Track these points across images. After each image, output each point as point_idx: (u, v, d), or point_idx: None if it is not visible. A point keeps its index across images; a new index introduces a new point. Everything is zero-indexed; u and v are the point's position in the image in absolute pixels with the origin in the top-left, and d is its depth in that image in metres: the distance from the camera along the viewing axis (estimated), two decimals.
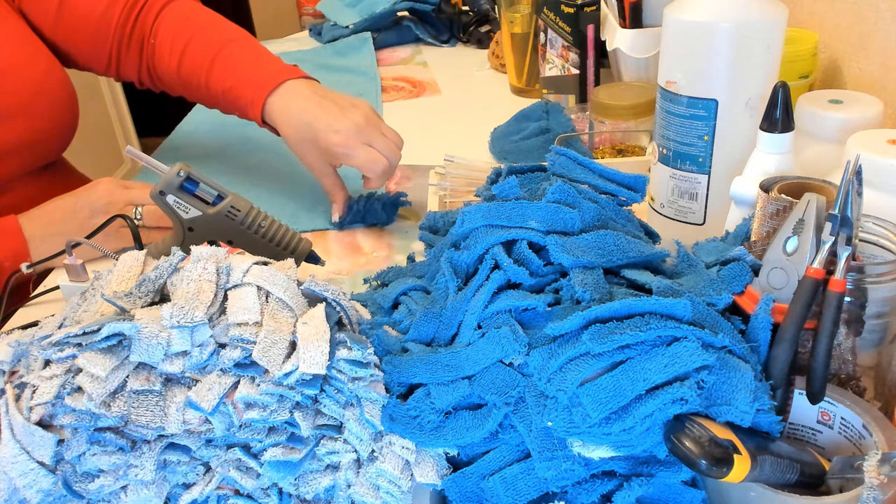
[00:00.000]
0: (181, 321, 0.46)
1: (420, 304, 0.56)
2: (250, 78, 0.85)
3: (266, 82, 0.84)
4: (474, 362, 0.49)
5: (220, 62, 0.87)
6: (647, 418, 0.42)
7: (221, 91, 0.87)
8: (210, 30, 0.91)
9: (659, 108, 0.67)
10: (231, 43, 0.88)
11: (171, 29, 0.91)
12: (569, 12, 1.01)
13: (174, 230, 0.67)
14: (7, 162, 0.86)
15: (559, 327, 0.46)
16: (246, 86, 0.85)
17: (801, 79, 0.84)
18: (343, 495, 0.49)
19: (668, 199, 0.70)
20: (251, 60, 0.87)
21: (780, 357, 0.46)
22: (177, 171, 0.65)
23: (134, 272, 0.51)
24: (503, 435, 0.48)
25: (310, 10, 1.69)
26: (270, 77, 0.84)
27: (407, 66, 1.42)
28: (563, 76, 1.07)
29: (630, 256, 0.53)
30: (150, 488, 0.47)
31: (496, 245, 0.53)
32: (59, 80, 0.91)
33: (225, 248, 0.53)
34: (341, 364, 0.47)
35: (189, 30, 0.91)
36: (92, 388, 0.44)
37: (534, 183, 0.60)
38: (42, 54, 0.89)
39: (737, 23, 0.60)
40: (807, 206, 0.48)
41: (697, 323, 0.46)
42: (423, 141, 1.03)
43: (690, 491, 0.47)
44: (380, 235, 0.85)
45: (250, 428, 0.47)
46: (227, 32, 0.91)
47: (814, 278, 0.46)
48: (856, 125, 0.65)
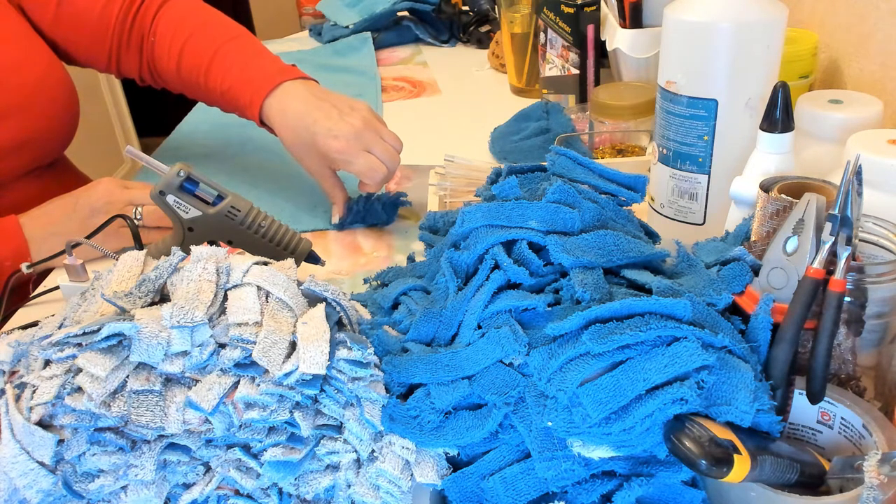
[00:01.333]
0: (181, 321, 0.46)
1: (420, 304, 0.56)
2: (248, 77, 0.85)
3: (264, 83, 0.83)
4: (474, 362, 0.49)
5: (218, 61, 0.86)
6: (647, 418, 0.42)
7: (220, 91, 0.86)
8: (208, 28, 0.90)
9: (659, 108, 0.67)
10: (229, 42, 0.88)
11: (169, 27, 0.91)
12: (569, 12, 1.01)
13: (174, 230, 0.67)
14: (7, 161, 0.86)
15: (559, 327, 0.46)
16: (244, 86, 0.84)
17: (801, 79, 0.84)
18: (343, 495, 0.49)
19: (668, 199, 0.70)
20: (249, 60, 0.86)
21: (780, 357, 0.46)
22: (177, 171, 0.65)
23: (134, 272, 0.51)
24: (503, 435, 0.48)
25: (310, 10, 1.69)
26: (268, 78, 0.84)
27: (407, 66, 1.42)
28: (563, 76, 1.07)
29: (630, 256, 0.53)
30: (150, 488, 0.47)
31: (496, 245, 0.53)
32: (59, 78, 0.90)
33: (225, 248, 0.53)
34: (341, 364, 0.47)
35: (187, 28, 0.90)
36: (92, 388, 0.44)
37: (534, 183, 0.60)
38: (42, 52, 0.89)
39: (737, 23, 0.60)
40: (807, 206, 0.48)
41: (697, 323, 0.46)
42: (423, 141, 1.03)
43: (690, 491, 0.47)
44: (380, 235, 0.85)
45: (250, 428, 0.47)
46: (225, 30, 0.90)
47: (814, 278, 0.46)
48: (856, 125, 0.65)
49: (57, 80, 0.90)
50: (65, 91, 0.91)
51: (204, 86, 0.88)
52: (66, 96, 0.91)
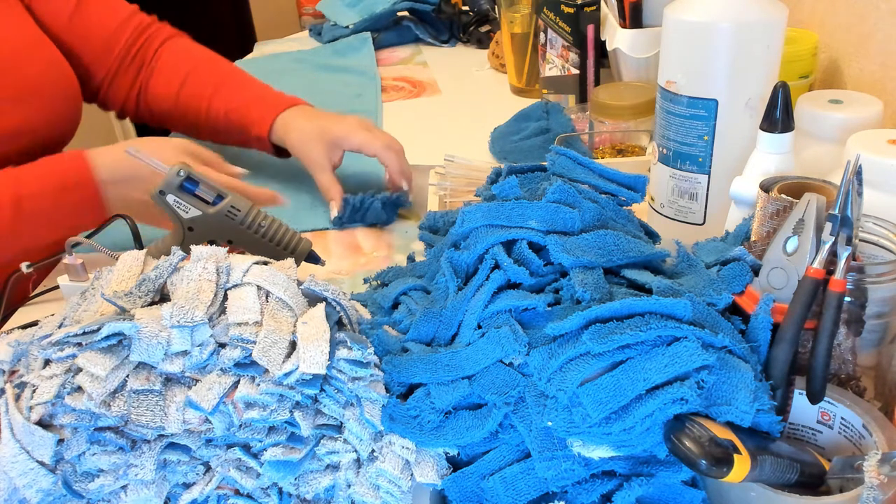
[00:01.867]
0: (181, 321, 0.46)
1: (420, 304, 0.56)
2: (260, 97, 0.93)
3: (275, 104, 0.92)
4: (474, 362, 0.49)
5: (226, 87, 0.95)
6: (647, 418, 0.42)
7: (225, 111, 0.93)
8: (215, 61, 0.99)
9: (659, 108, 0.67)
10: (236, 73, 0.97)
11: (173, 56, 0.98)
12: (569, 12, 1.01)
13: (174, 230, 0.67)
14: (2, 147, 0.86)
15: (559, 327, 0.46)
16: (254, 105, 0.92)
17: (801, 79, 0.84)
18: (343, 495, 0.49)
19: (668, 199, 0.70)
20: (258, 88, 0.96)
21: (780, 357, 0.46)
22: (177, 171, 0.65)
23: (134, 272, 0.51)
24: (503, 435, 0.48)
25: (310, 10, 1.69)
26: (279, 101, 0.92)
27: (407, 66, 1.42)
28: (563, 76, 1.07)
29: (630, 256, 0.53)
30: (150, 488, 0.47)
31: (496, 245, 0.53)
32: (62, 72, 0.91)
33: (225, 248, 0.53)
34: (341, 364, 0.47)
35: (193, 59, 0.98)
36: (92, 388, 0.44)
37: (534, 183, 0.60)
38: (45, 47, 0.90)
39: (737, 23, 0.60)
40: (807, 206, 0.48)
41: (697, 323, 0.46)
42: (423, 141, 1.03)
43: (690, 491, 0.47)
44: (380, 235, 0.85)
45: (250, 428, 0.47)
46: (230, 65, 1.00)
47: (814, 278, 0.46)
48: (856, 125, 0.65)
49: (60, 74, 0.91)
50: (68, 86, 0.92)
51: (205, 110, 0.94)
52: (69, 91, 0.92)
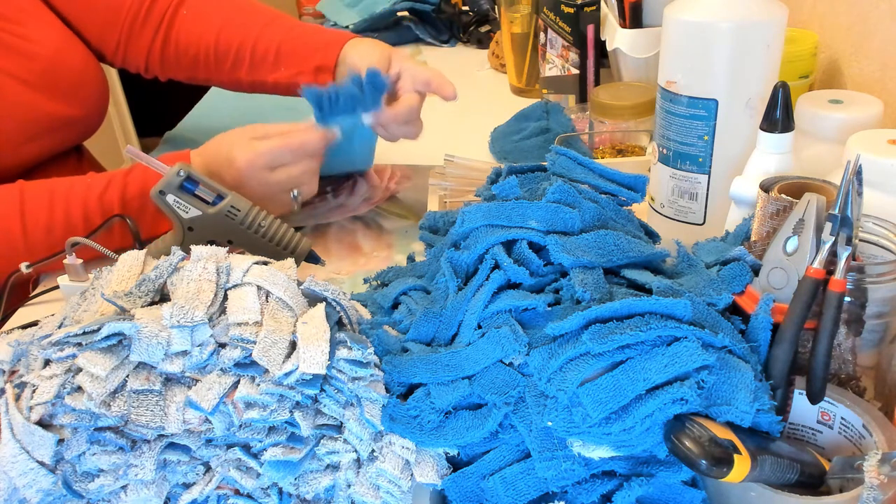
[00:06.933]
0: (181, 321, 0.46)
1: (420, 304, 0.56)
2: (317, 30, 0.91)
3: (338, 35, 0.89)
4: (474, 362, 0.49)
5: (276, 23, 0.90)
6: (647, 418, 0.42)
7: (277, 44, 0.89)
8: (252, 4, 0.94)
9: (659, 108, 0.67)
10: (281, 14, 0.93)
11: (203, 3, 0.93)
12: (569, 12, 1.01)
13: (174, 230, 0.67)
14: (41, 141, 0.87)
15: (559, 327, 0.46)
16: (311, 37, 0.89)
17: (801, 79, 0.84)
18: (343, 495, 0.49)
19: (668, 199, 0.70)
20: (310, 25, 0.94)
21: (780, 357, 0.46)
22: (177, 171, 0.65)
23: (134, 272, 0.51)
24: (503, 435, 0.48)
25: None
26: (341, 33, 0.90)
27: None
28: (563, 76, 1.07)
29: (630, 256, 0.53)
30: (150, 488, 0.47)
31: (496, 245, 0.53)
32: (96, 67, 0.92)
33: (225, 248, 0.53)
34: (341, 364, 0.47)
35: (228, 3, 0.93)
36: (92, 388, 0.44)
37: (534, 183, 0.60)
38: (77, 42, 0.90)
39: (737, 23, 0.60)
40: (807, 206, 0.48)
41: (697, 323, 0.46)
42: (423, 141, 1.03)
43: (690, 491, 0.47)
44: (380, 235, 0.85)
45: (250, 428, 0.47)
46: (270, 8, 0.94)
47: (814, 278, 0.46)
48: (856, 125, 0.65)
49: (95, 68, 0.92)
50: (102, 79, 0.93)
51: (251, 46, 0.90)
52: (102, 84, 0.93)
